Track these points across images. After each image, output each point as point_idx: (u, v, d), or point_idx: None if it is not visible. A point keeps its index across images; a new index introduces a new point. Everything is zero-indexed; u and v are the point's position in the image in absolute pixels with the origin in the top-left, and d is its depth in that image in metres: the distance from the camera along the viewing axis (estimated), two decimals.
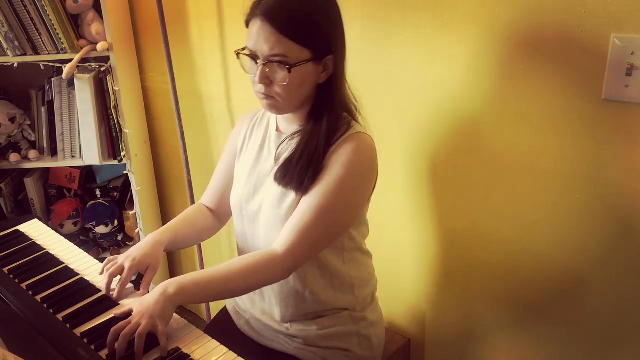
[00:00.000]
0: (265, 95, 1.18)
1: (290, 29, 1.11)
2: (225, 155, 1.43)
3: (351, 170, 1.18)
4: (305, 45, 1.13)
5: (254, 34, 1.14)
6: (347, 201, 1.21)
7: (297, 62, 1.13)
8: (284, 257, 1.17)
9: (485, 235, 1.45)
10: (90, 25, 1.94)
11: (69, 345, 1.07)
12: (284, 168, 1.22)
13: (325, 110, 1.20)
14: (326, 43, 1.16)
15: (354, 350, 1.33)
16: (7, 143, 2.11)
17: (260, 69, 1.14)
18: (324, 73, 1.19)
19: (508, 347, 1.51)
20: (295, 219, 1.18)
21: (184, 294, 1.11)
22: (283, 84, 1.14)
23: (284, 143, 1.26)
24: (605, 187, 1.22)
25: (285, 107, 1.20)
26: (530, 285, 1.41)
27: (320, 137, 1.19)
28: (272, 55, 1.12)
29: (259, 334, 1.38)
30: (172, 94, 1.98)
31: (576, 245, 1.30)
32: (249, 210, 1.30)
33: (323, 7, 1.16)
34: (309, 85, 1.18)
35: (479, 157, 1.39)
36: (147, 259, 1.25)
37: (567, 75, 1.21)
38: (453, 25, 1.34)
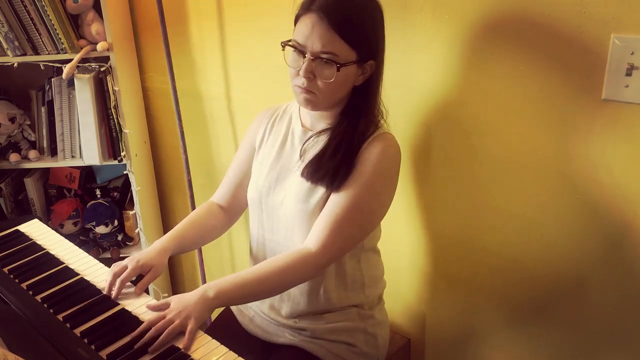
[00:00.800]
0: (305, 90, 1.19)
1: (345, 29, 1.13)
2: (241, 151, 1.44)
3: (381, 170, 1.22)
4: (354, 47, 1.16)
5: (306, 28, 1.15)
6: (378, 200, 1.25)
7: (345, 62, 1.16)
8: (317, 254, 1.19)
9: (485, 235, 1.45)
10: (90, 25, 1.94)
11: (69, 345, 1.07)
12: (315, 164, 1.23)
13: (361, 112, 1.23)
14: (371, 48, 1.19)
15: (360, 346, 1.35)
16: (7, 143, 2.11)
17: (307, 63, 1.16)
18: (362, 76, 1.22)
19: (508, 347, 1.51)
20: (327, 217, 1.20)
21: (222, 297, 1.15)
22: (328, 81, 1.16)
23: (310, 140, 1.28)
24: (606, 188, 1.22)
25: (321, 104, 1.22)
26: (530, 286, 1.41)
27: (355, 136, 1.22)
28: (323, 51, 1.14)
29: (264, 330, 1.38)
30: (172, 94, 1.98)
31: (576, 246, 1.30)
32: (269, 204, 1.32)
33: (374, 13, 1.20)
34: (347, 86, 1.21)
35: (479, 158, 1.39)
36: (151, 262, 1.27)
37: (567, 75, 1.21)
38: (453, 25, 1.34)
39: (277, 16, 1.66)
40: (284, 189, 1.29)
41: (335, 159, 1.21)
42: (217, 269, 2.29)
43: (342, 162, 1.20)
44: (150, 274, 1.25)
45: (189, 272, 2.42)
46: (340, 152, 1.21)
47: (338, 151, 1.21)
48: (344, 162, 1.20)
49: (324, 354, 1.32)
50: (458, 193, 1.46)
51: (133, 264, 1.25)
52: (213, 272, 2.30)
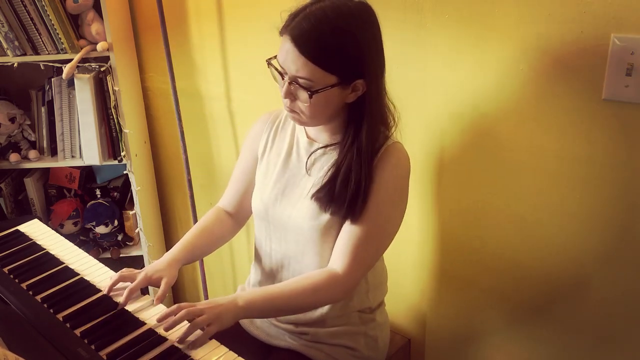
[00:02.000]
0: (289, 109, 1.19)
1: (318, 56, 1.09)
2: (244, 157, 1.42)
3: (396, 185, 1.22)
4: (332, 72, 1.11)
5: (282, 52, 1.13)
6: (395, 214, 1.25)
7: (321, 88, 1.12)
8: (345, 279, 1.19)
9: (486, 235, 1.45)
10: (90, 25, 1.94)
11: (69, 345, 1.07)
12: (327, 192, 1.20)
13: (361, 129, 1.18)
14: (356, 69, 1.13)
15: (360, 349, 1.34)
16: (7, 143, 2.11)
17: (286, 86, 1.15)
18: (353, 93, 1.17)
19: (508, 347, 1.51)
20: (349, 240, 1.19)
21: (250, 309, 1.15)
22: (305, 105, 1.14)
23: (315, 153, 1.26)
24: (605, 187, 1.22)
25: (309, 123, 1.21)
26: (530, 286, 1.41)
27: (363, 159, 1.17)
28: (297, 76, 1.12)
29: (265, 333, 1.38)
30: (172, 94, 1.98)
31: (577, 246, 1.30)
32: (275, 216, 1.30)
33: (357, 34, 1.12)
34: (335, 105, 1.17)
35: (479, 158, 1.39)
36: (161, 274, 1.24)
37: (567, 75, 1.21)
38: (453, 25, 1.34)
39: (277, 16, 1.65)
40: (291, 202, 1.27)
41: (347, 189, 1.18)
42: (217, 271, 2.29)
43: (355, 195, 1.17)
44: (163, 286, 1.22)
45: (189, 274, 2.42)
46: (352, 182, 1.17)
47: (348, 180, 1.18)
48: (358, 195, 1.17)
49: (324, 358, 1.32)
50: (459, 194, 1.46)
51: (142, 275, 1.23)
52: (213, 274, 2.30)
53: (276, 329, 1.36)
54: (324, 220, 1.22)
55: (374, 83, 1.17)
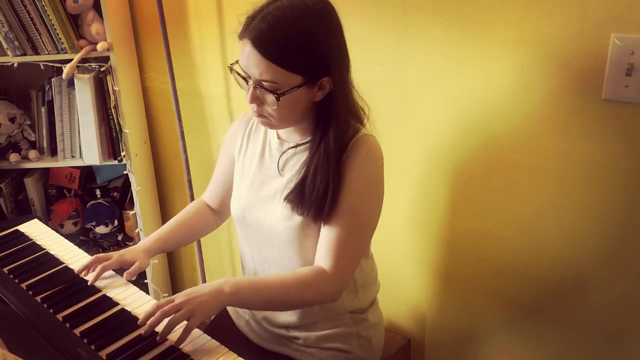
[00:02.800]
0: (257, 114, 1.17)
1: (281, 57, 1.07)
2: (222, 158, 1.43)
3: (369, 177, 1.19)
4: (296, 72, 1.09)
5: (244, 56, 1.10)
6: (373, 207, 1.22)
7: (287, 89, 1.10)
8: (333, 277, 1.17)
9: (486, 235, 1.45)
10: (90, 25, 1.94)
11: (69, 345, 1.07)
12: (298, 194, 1.19)
13: (329, 128, 1.16)
14: (321, 67, 1.11)
15: (354, 351, 1.33)
16: (7, 143, 2.11)
17: (251, 90, 1.12)
18: (320, 92, 1.15)
19: (508, 347, 1.51)
20: (331, 239, 1.17)
21: (238, 295, 1.11)
22: (273, 108, 1.12)
23: (286, 152, 1.25)
24: (606, 187, 1.22)
25: (278, 125, 1.20)
26: (530, 286, 1.41)
27: (330, 160, 1.15)
28: (261, 80, 1.09)
29: (258, 335, 1.38)
30: (172, 94, 1.98)
31: (576, 246, 1.30)
32: (252, 219, 1.29)
33: (317, 31, 1.10)
34: (303, 105, 1.15)
35: (479, 157, 1.39)
36: (135, 258, 1.31)
37: (567, 75, 1.21)
38: (453, 25, 1.34)
39: None
40: (266, 204, 1.26)
41: (315, 188, 1.16)
42: (217, 269, 2.29)
43: (324, 194, 1.15)
44: (135, 265, 1.29)
45: (189, 272, 2.43)
46: (320, 180, 1.15)
47: (316, 179, 1.16)
48: (326, 194, 1.15)
49: None
50: (459, 194, 1.46)
51: (117, 256, 1.30)
52: (213, 272, 2.30)
53: (269, 333, 1.36)
54: (298, 221, 1.20)
55: (339, 79, 1.15)
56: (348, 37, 1.18)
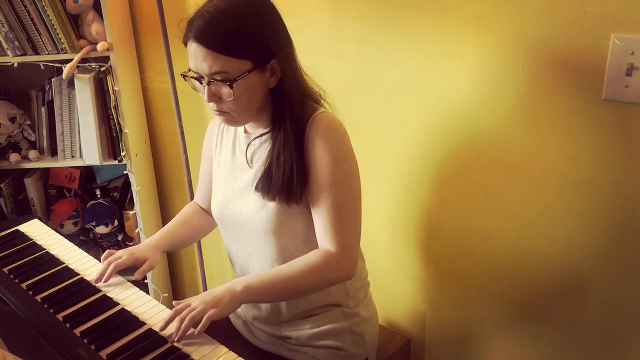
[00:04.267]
0: (218, 112, 1.18)
1: (224, 46, 1.10)
2: (203, 161, 1.47)
3: (336, 152, 1.18)
4: (243, 57, 1.12)
5: (192, 55, 1.13)
6: (354, 177, 1.23)
7: (238, 76, 1.12)
8: (340, 255, 1.18)
9: (486, 235, 1.45)
10: (90, 25, 1.94)
11: (69, 345, 1.07)
12: (265, 180, 1.21)
13: (285, 112, 1.19)
14: (266, 49, 1.14)
15: (347, 347, 1.33)
16: (7, 143, 2.11)
17: (207, 89, 1.14)
18: (273, 77, 1.17)
19: (508, 347, 1.51)
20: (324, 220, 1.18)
21: (250, 292, 1.14)
22: (230, 99, 1.14)
23: (252, 144, 1.26)
24: (605, 187, 1.22)
25: (241, 119, 1.21)
26: (530, 286, 1.41)
27: (290, 140, 1.17)
28: (212, 73, 1.12)
29: (255, 336, 1.39)
30: (172, 94, 1.98)
31: (576, 245, 1.30)
32: (229, 215, 1.30)
33: (253, 14, 1.13)
34: (259, 93, 1.17)
35: (478, 157, 1.39)
36: (145, 255, 1.32)
37: (567, 75, 1.21)
38: (453, 25, 1.34)
39: None
40: (241, 198, 1.27)
41: (281, 171, 1.18)
42: (217, 269, 2.29)
43: (290, 175, 1.17)
44: (146, 264, 1.31)
45: (189, 272, 2.42)
46: (284, 163, 1.18)
47: (280, 162, 1.18)
48: (292, 174, 1.17)
49: None
50: (459, 193, 1.46)
51: (127, 254, 1.30)
52: (213, 272, 2.30)
53: (264, 334, 1.36)
54: (271, 209, 1.21)
55: (286, 61, 1.17)
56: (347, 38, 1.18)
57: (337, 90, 1.35)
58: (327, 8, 1.54)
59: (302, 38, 1.22)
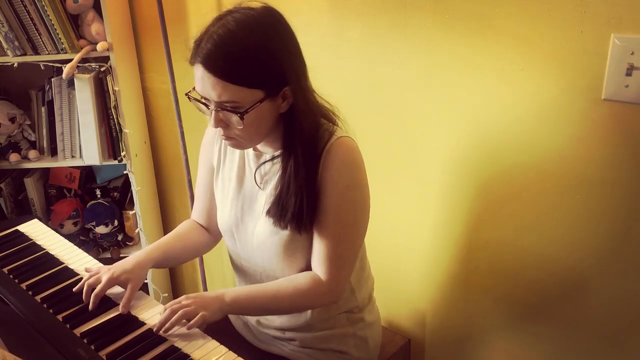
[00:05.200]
0: (225, 137, 1.12)
1: (235, 75, 1.02)
2: (202, 171, 1.38)
3: (350, 181, 1.15)
4: (255, 87, 1.05)
5: (199, 80, 1.06)
6: (361, 211, 1.20)
7: (250, 107, 1.05)
8: (329, 285, 1.19)
9: (486, 235, 1.45)
10: (90, 25, 1.94)
11: (69, 345, 1.07)
12: (278, 209, 1.15)
13: (296, 139, 1.12)
14: (279, 76, 1.06)
15: (350, 352, 1.33)
16: (7, 143, 2.11)
17: (214, 115, 1.08)
18: (285, 103, 1.10)
19: (508, 347, 1.51)
20: (322, 248, 1.17)
21: (236, 305, 1.16)
22: (240, 128, 1.08)
23: (263, 166, 1.21)
24: (606, 187, 1.22)
25: (249, 144, 1.16)
26: (530, 286, 1.41)
27: (300, 171, 1.12)
28: (222, 102, 1.05)
29: (256, 338, 1.38)
30: (172, 94, 1.98)
31: (576, 246, 1.30)
32: (240, 234, 1.28)
33: (267, 39, 1.05)
34: (270, 120, 1.11)
35: (478, 157, 1.39)
36: (126, 275, 1.20)
37: (567, 75, 1.21)
38: (453, 25, 1.34)
39: None
40: (253, 219, 1.24)
41: (291, 199, 1.13)
42: (217, 270, 2.29)
43: (301, 203, 1.12)
44: (129, 290, 1.19)
45: (189, 273, 2.42)
46: (293, 193, 1.12)
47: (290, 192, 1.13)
48: (302, 202, 1.12)
49: None
50: (459, 195, 1.46)
51: (108, 276, 1.19)
52: (213, 272, 2.30)
53: (266, 335, 1.36)
54: (284, 235, 1.18)
55: (298, 86, 1.10)
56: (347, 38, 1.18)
57: (337, 90, 1.35)
58: (327, 8, 1.54)
59: (302, 38, 1.22)
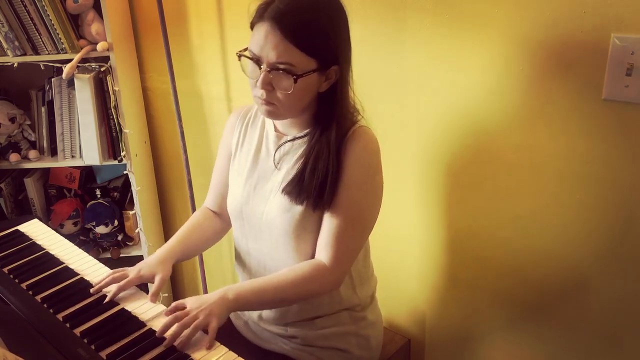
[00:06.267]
0: (265, 101, 1.15)
1: (300, 38, 1.07)
2: (220, 156, 1.41)
3: (368, 169, 1.19)
4: (312, 56, 1.10)
5: (260, 38, 1.10)
6: (372, 199, 1.23)
7: (303, 73, 1.10)
8: (332, 269, 1.19)
9: (486, 235, 1.45)
10: (90, 25, 1.94)
11: (69, 345, 1.07)
12: (296, 185, 1.19)
13: (332, 119, 1.17)
14: (333, 53, 1.13)
15: (352, 350, 1.33)
16: (7, 143, 2.11)
17: (264, 75, 1.11)
18: (326, 82, 1.16)
19: (508, 347, 1.51)
20: (330, 231, 1.19)
21: (241, 300, 1.15)
22: (287, 93, 1.11)
23: (283, 146, 1.25)
24: (606, 187, 1.22)
25: (284, 114, 1.18)
26: (530, 286, 1.41)
27: (331, 149, 1.16)
28: (278, 62, 1.09)
29: (257, 336, 1.38)
30: (172, 94, 1.98)
31: (576, 246, 1.30)
32: (249, 213, 1.29)
33: (333, 16, 1.13)
34: (311, 94, 1.16)
35: (479, 157, 1.39)
36: (153, 271, 1.25)
37: (567, 75, 1.21)
38: (453, 25, 1.34)
39: None
40: (263, 198, 1.26)
41: (315, 178, 1.16)
42: (217, 269, 2.29)
43: (323, 182, 1.16)
44: (158, 282, 1.23)
45: (189, 272, 2.42)
46: (319, 170, 1.16)
47: (316, 169, 1.16)
48: (325, 182, 1.16)
49: None
50: (459, 194, 1.46)
51: (134, 273, 1.24)
52: (213, 272, 2.30)
53: (268, 333, 1.36)
54: (296, 213, 1.20)
55: (346, 70, 1.17)
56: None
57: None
58: None
59: None
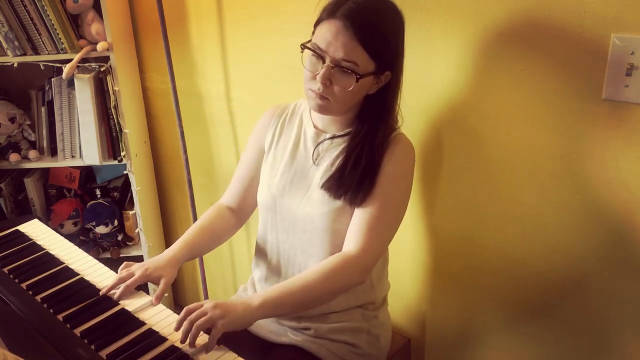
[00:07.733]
0: (319, 96, 1.18)
1: (369, 40, 1.13)
2: (250, 152, 1.42)
3: (404, 170, 1.25)
4: (374, 58, 1.15)
5: (329, 35, 1.14)
6: (403, 199, 1.27)
7: (365, 73, 1.15)
8: (360, 257, 1.20)
9: (486, 235, 1.45)
10: (90, 25, 1.94)
11: (69, 345, 1.07)
12: (337, 180, 1.23)
13: (379, 121, 1.22)
14: (392, 59, 1.19)
15: (362, 346, 1.35)
16: (7, 143, 2.11)
17: (325, 70, 1.15)
18: (376, 85, 1.21)
19: (508, 347, 1.51)
20: (363, 221, 1.21)
21: (268, 306, 1.12)
22: (346, 90, 1.16)
23: (323, 143, 1.28)
24: (606, 187, 1.22)
25: (334, 110, 1.22)
26: (530, 286, 1.41)
27: (375, 148, 1.21)
28: (343, 59, 1.13)
29: (267, 330, 1.38)
30: (172, 94, 1.98)
31: (577, 246, 1.30)
32: (284, 206, 1.31)
33: (397, 23, 1.19)
34: (361, 95, 1.21)
35: (479, 158, 1.39)
36: (159, 272, 1.25)
37: (567, 75, 1.21)
38: (452, 25, 1.34)
39: (277, 15, 1.66)
40: (300, 192, 1.29)
41: (355, 173, 1.21)
42: (217, 271, 2.29)
43: (363, 177, 1.20)
44: (162, 285, 1.23)
45: (189, 274, 2.42)
46: (361, 166, 1.21)
47: (358, 165, 1.21)
48: (365, 177, 1.20)
49: (325, 354, 1.31)
50: (460, 193, 1.46)
51: (141, 272, 1.24)
52: (213, 274, 2.30)
53: (278, 326, 1.36)
54: (335, 207, 1.23)
55: (398, 75, 1.23)
56: None
57: None
58: None
59: (303, 38, 1.22)
